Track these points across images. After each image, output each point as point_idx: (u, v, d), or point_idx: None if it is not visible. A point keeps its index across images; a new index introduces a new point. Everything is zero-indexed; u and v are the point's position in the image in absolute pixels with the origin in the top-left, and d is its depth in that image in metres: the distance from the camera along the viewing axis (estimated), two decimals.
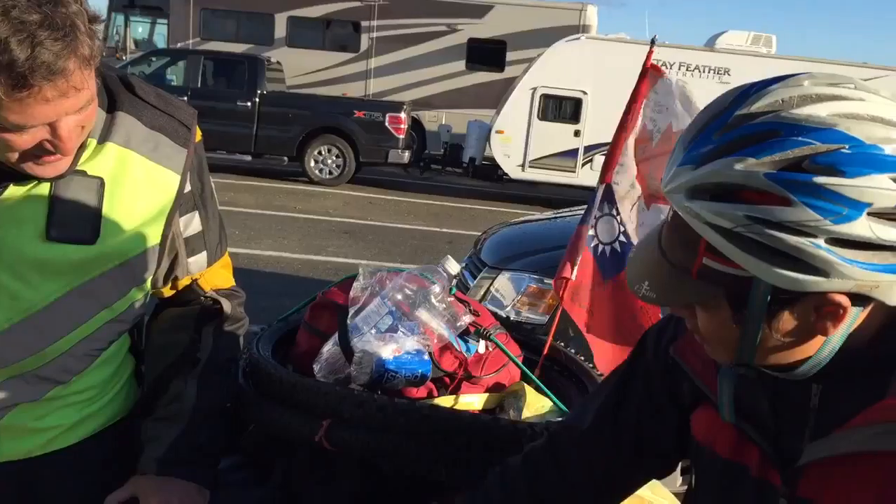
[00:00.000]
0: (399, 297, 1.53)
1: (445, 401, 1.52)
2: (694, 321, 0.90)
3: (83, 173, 1.24)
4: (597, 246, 2.19)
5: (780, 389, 0.93)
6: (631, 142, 2.07)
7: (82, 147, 1.22)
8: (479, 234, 5.13)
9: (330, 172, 12.55)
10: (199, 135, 1.41)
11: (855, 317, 0.84)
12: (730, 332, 0.86)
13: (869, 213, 0.76)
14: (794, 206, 0.76)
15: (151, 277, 1.37)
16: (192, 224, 1.41)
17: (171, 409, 1.42)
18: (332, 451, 1.37)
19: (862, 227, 0.76)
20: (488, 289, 4.25)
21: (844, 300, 0.80)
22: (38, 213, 1.20)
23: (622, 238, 2.17)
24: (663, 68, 2.11)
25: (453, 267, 1.58)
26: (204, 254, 1.45)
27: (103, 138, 1.27)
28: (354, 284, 1.56)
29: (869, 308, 0.85)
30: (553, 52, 12.83)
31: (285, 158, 12.73)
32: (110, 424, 1.41)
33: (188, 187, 1.38)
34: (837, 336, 0.85)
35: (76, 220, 1.23)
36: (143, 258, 1.32)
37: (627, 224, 2.21)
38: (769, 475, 0.93)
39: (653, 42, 2.13)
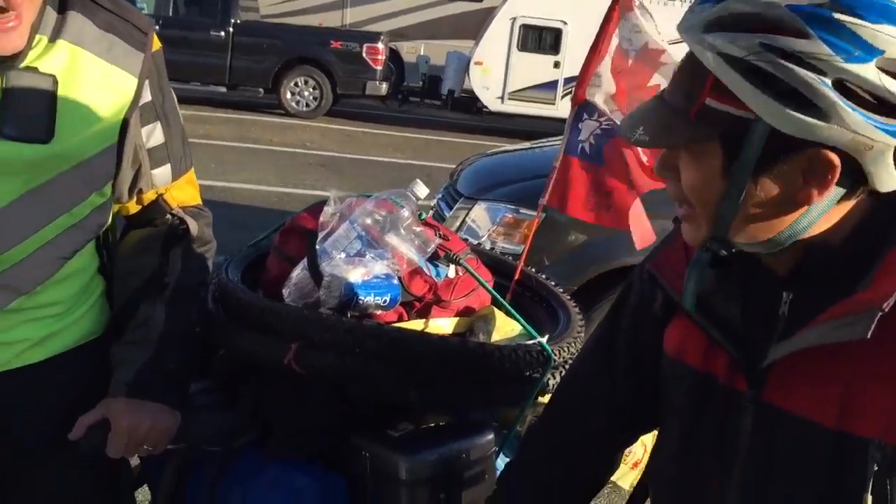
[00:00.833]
0: (368, 221, 1.52)
1: (415, 325, 1.53)
2: (677, 183, 0.90)
3: (34, 70, 1.22)
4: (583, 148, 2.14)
5: (752, 295, 0.94)
6: (607, 62, 2.04)
7: (31, 44, 1.21)
8: None
9: (307, 104, 12.36)
10: (157, 44, 1.40)
11: (835, 198, 0.85)
12: (714, 187, 0.86)
13: (879, 62, 0.78)
14: (809, 39, 0.77)
15: (111, 183, 1.36)
16: (154, 135, 1.40)
17: (139, 332, 1.42)
18: (302, 375, 1.38)
19: (871, 72, 0.78)
20: (464, 219, 4.25)
21: (835, 159, 0.81)
22: None
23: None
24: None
25: (422, 191, 1.57)
26: (168, 166, 1.44)
27: (54, 36, 1.25)
28: (324, 209, 1.55)
29: (848, 202, 0.86)
30: None
31: (261, 90, 12.51)
32: (81, 344, 1.41)
33: (148, 97, 1.37)
34: (818, 209, 0.85)
35: (29, 118, 1.21)
36: (100, 160, 1.31)
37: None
38: (736, 382, 0.94)
39: None
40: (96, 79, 1.28)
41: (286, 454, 1.43)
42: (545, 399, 1.55)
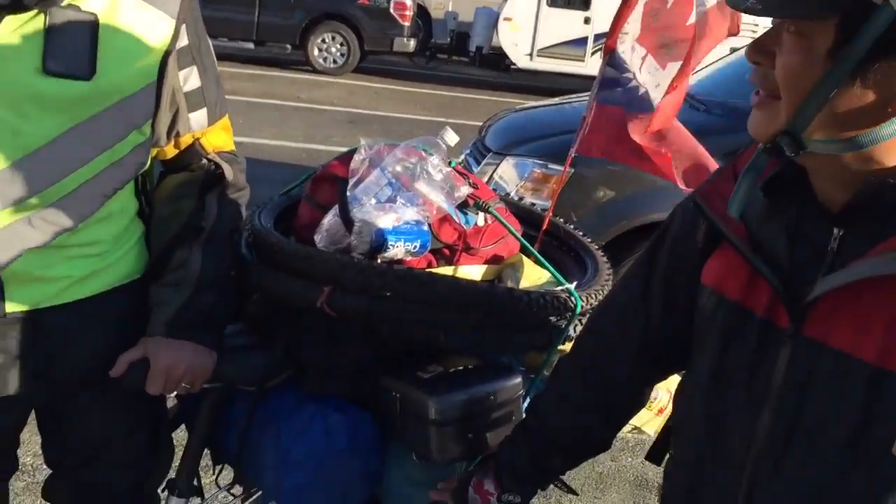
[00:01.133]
0: (398, 168, 1.54)
1: (445, 272, 1.55)
2: (766, 69, 0.87)
3: (77, 8, 1.25)
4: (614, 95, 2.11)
5: (800, 230, 0.93)
6: (639, 9, 2.01)
7: None
8: None
9: (334, 61, 12.29)
10: None
11: None
12: (812, 73, 0.82)
13: None
14: None
15: (150, 122, 1.39)
16: (190, 78, 1.43)
17: (177, 275, 1.46)
18: (334, 317, 1.41)
19: None
20: (492, 175, 4.25)
21: None
22: (34, 46, 1.22)
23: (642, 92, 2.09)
24: None
25: (452, 138, 1.58)
26: (204, 110, 1.47)
27: None
28: (354, 157, 1.57)
29: None
30: None
31: (288, 46, 12.45)
32: (121, 284, 1.45)
33: (185, 40, 1.39)
34: None
35: (72, 55, 1.24)
36: (140, 98, 1.34)
37: (644, 82, 2.13)
38: (776, 316, 0.93)
39: None
40: (136, 19, 1.31)
41: (318, 393, 1.47)
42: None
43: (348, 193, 1.52)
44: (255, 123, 8.23)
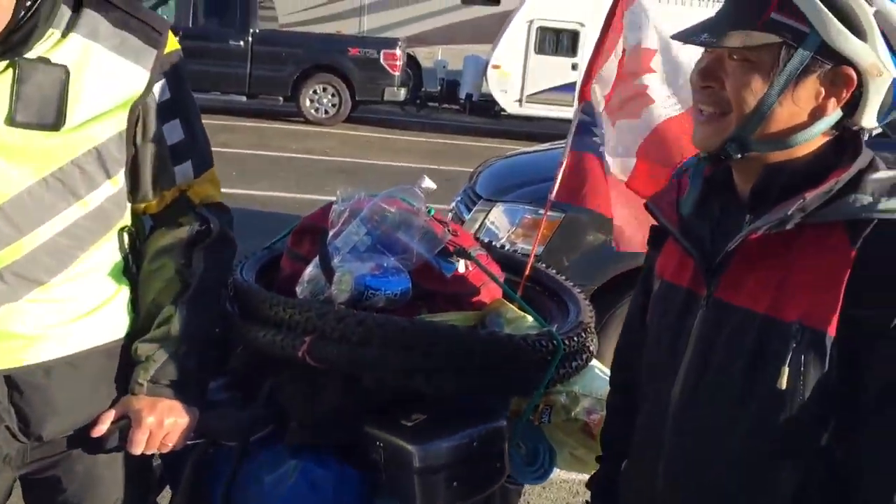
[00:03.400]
0: (377, 218, 1.55)
1: (427, 319, 1.55)
2: (717, 91, 1.07)
3: (46, 61, 1.27)
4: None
5: (721, 218, 1.15)
6: (612, 61, 2.06)
7: (43, 36, 1.26)
8: None
9: (326, 111, 12.45)
10: (174, 44, 1.43)
11: (832, 121, 1.06)
12: (759, 89, 1.04)
13: None
14: None
15: (123, 172, 1.40)
16: (174, 131, 1.44)
17: (161, 331, 1.45)
18: (315, 367, 1.41)
19: (894, 14, 1.02)
20: (483, 221, 4.26)
21: (854, 76, 1.03)
22: (2, 98, 1.24)
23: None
24: None
25: (430, 185, 1.60)
26: (189, 163, 1.48)
27: (67, 31, 1.30)
28: (333, 208, 1.59)
29: (828, 135, 1.08)
30: None
31: (280, 98, 12.62)
32: (103, 344, 1.43)
33: (166, 94, 1.41)
34: (824, 124, 1.06)
35: (41, 106, 1.26)
36: (111, 146, 1.36)
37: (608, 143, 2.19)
38: (697, 286, 1.15)
39: None
40: (107, 70, 1.33)
41: (302, 445, 1.46)
42: (557, 387, 1.58)
43: (328, 244, 1.54)
44: (249, 175, 8.29)
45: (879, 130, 1.15)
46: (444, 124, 13.50)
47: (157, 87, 1.40)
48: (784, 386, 1.01)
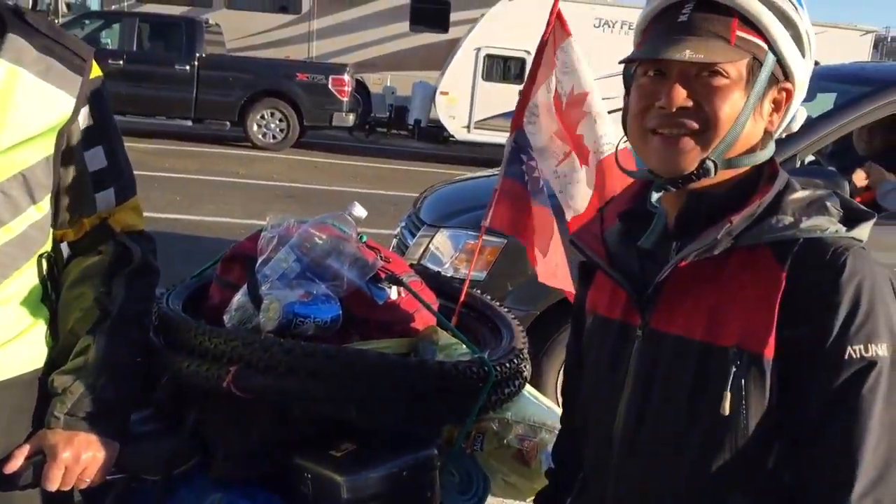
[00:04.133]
0: (307, 244, 1.54)
1: (357, 346, 1.53)
2: (694, 107, 1.05)
3: None
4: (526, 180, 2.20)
5: (649, 250, 1.13)
6: (542, 96, 2.09)
7: None
8: None
9: (274, 137, 12.35)
10: (97, 71, 1.43)
11: (776, 136, 1.12)
12: (737, 104, 1.05)
13: None
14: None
15: (49, 197, 1.37)
16: (96, 158, 1.42)
17: (78, 361, 1.41)
18: (241, 397, 1.38)
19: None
20: (427, 247, 4.26)
21: (791, 90, 1.09)
22: None
23: (544, 187, 2.18)
24: (568, 28, 2.14)
25: (360, 213, 1.59)
26: (111, 190, 1.46)
27: None
28: (262, 235, 1.57)
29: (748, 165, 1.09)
30: (496, 12, 12.74)
31: (227, 123, 12.49)
32: (19, 375, 1.39)
33: (89, 120, 1.40)
34: (774, 137, 1.11)
35: None
36: (38, 171, 1.33)
37: (550, 178, 2.23)
38: (630, 317, 1.14)
39: None
40: (33, 96, 1.31)
41: (226, 478, 1.43)
42: (489, 414, 1.57)
43: (257, 272, 1.51)
44: (194, 200, 8.17)
45: (812, 158, 1.18)
46: (393, 150, 13.52)
47: (81, 114, 1.38)
48: (727, 411, 1.00)
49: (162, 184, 8.80)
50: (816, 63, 1.15)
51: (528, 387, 1.68)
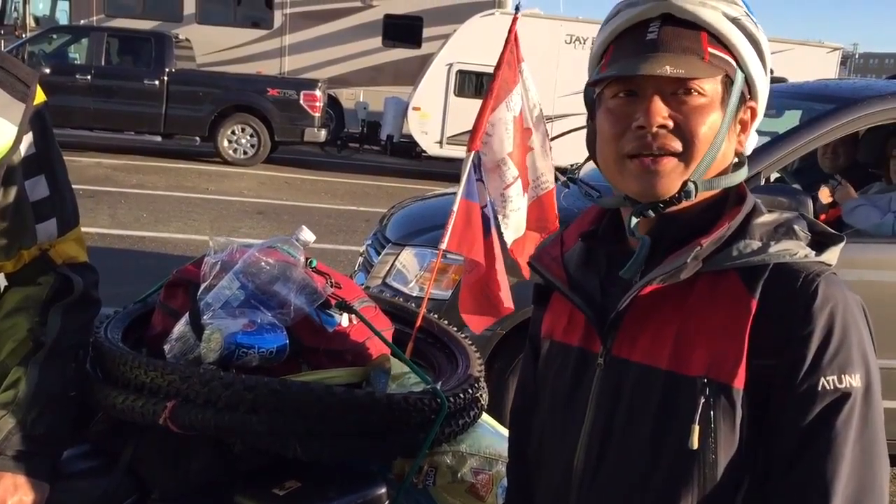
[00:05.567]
0: (253, 270, 1.48)
1: (307, 377, 1.47)
2: (672, 127, 1.00)
3: None
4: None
5: (609, 271, 1.09)
6: (501, 113, 2.06)
7: None
8: None
9: (244, 152, 12.24)
10: (41, 97, 1.37)
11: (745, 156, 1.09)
12: (715, 123, 1.01)
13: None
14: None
15: None
16: (38, 188, 1.37)
17: (7, 395, 1.34)
18: (179, 433, 1.31)
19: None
20: (393, 264, 4.21)
21: (755, 108, 1.07)
22: None
23: (488, 208, 2.16)
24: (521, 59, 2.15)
25: (308, 237, 1.54)
26: (53, 220, 1.40)
27: None
28: (205, 260, 1.50)
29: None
30: (468, 28, 12.77)
31: (197, 139, 12.36)
32: None
33: (32, 149, 1.34)
34: (743, 158, 1.09)
35: None
36: None
37: (496, 200, 2.21)
38: (590, 344, 1.08)
39: (517, 9, 2.12)
40: None
41: None
42: (443, 447, 1.51)
43: (199, 299, 1.45)
44: (161, 217, 8.05)
45: (777, 175, 1.15)
46: (365, 165, 13.46)
47: (24, 142, 1.33)
48: (695, 445, 0.95)
49: (129, 200, 8.66)
50: (783, 80, 1.13)
51: (484, 415, 1.63)
